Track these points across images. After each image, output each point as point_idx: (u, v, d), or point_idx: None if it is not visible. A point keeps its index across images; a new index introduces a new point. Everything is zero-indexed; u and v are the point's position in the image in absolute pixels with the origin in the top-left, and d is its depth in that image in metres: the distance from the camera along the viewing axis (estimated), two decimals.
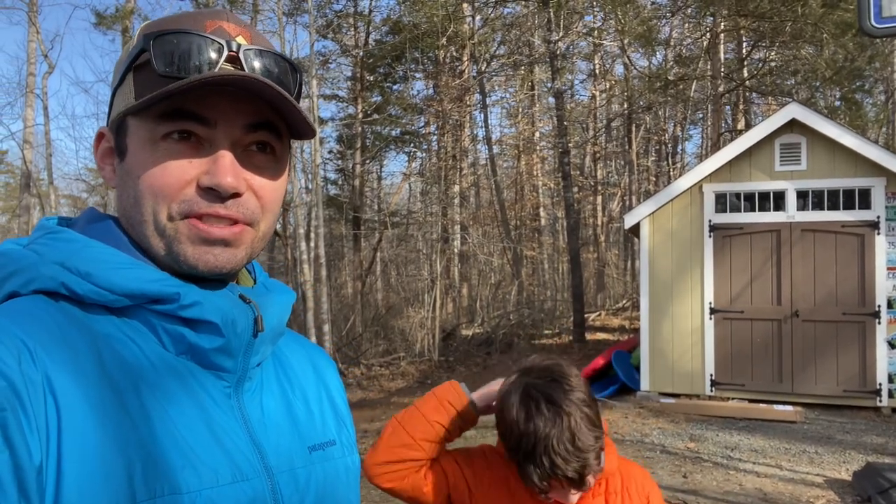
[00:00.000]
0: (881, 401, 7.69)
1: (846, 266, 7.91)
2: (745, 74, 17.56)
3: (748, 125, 17.91)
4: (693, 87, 19.21)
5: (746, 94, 19.50)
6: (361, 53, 19.40)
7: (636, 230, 8.94)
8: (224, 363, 0.71)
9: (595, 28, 19.10)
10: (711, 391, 8.32)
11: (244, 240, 0.72)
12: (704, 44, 17.79)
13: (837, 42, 15.05)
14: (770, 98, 19.81)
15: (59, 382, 0.59)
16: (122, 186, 0.72)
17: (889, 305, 7.74)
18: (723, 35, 16.60)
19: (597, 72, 22.48)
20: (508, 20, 18.94)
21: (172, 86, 0.64)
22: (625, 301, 19.59)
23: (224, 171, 0.68)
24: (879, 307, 7.76)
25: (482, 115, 19.93)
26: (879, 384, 7.71)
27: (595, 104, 22.87)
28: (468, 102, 18.52)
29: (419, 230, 19.70)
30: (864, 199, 7.91)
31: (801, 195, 8.14)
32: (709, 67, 17.34)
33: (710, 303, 8.37)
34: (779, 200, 8.20)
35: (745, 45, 17.74)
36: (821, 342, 7.97)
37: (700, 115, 23.91)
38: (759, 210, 8.29)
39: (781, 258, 8.14)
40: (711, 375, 8.33)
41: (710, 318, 8.37)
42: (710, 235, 8.40)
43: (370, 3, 20.16)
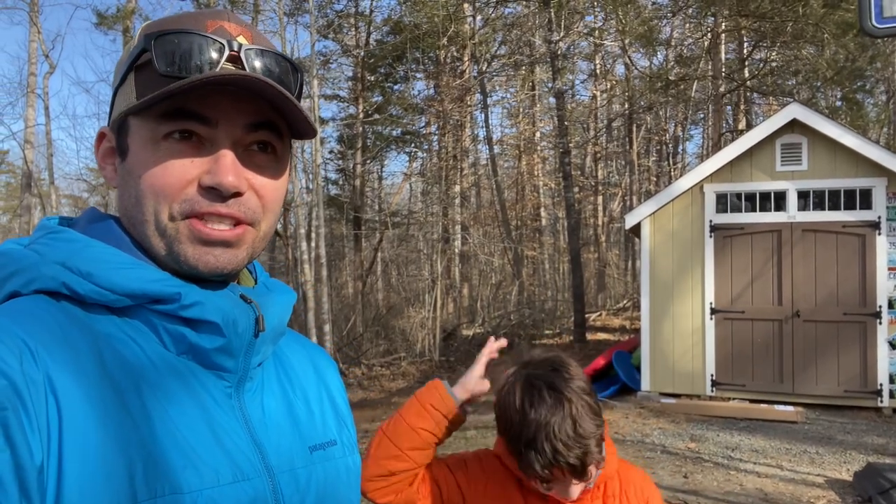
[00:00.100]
0: (882, 401, 7.69)
1: (847, 266, 7.91)
2: (746, 74, 17.55)
3: (749, 125, 17.90)
4: (694, 88, 19.21)
5: (747, 95, 19.49)
6: (362, 53, 19.40)
7: (637, 230, 8.93)
8: (225, 363, 0.71)
9: (596, 28, 19.09)
10: (712, 391, 8.32)
11: (245, 240, 0.72)
12: (705, 44, 17.78)
13: (838, 42, 15.03)
14: (771, 98, 19.81)
15: (61, 382, 0.59)
16: (124, 186, 0.72)
17: (890, 306, 7.73)
18: (724, 35, 16.59)
19: (598, 72, 22.47)
20: (509, 20, 18.93)
21: (174, 85, 0.65)
22: (625, 301, 19.59)
23: (225, 171, 0.68)
24: (880, 307, 7.75)
25: (483, 116, 19.95)
26: (880, 384, 7.70)
27: (596, 104, 22.86)
28: (469, 102, 18.51)
29: (420, 230, 19.71)
30: (865, 200, 7.90)
31: (802, 195, 8.13)
32: (710, 67, 17.33)
33: (711, 303, 8.36)
34: (780, 201, 8.20)
35: (746, 46, 17.73)
36: (822, 342, 7.97)
37: (701, 116, 23.91)
38: (760, 210, 8.28)
39: (782, 258, 8.13)
40: (712, 375, 8.33)
41: (711, 319, 8.36)
42: (711, 235, 8.39)
43: (371, 4, 20.18)
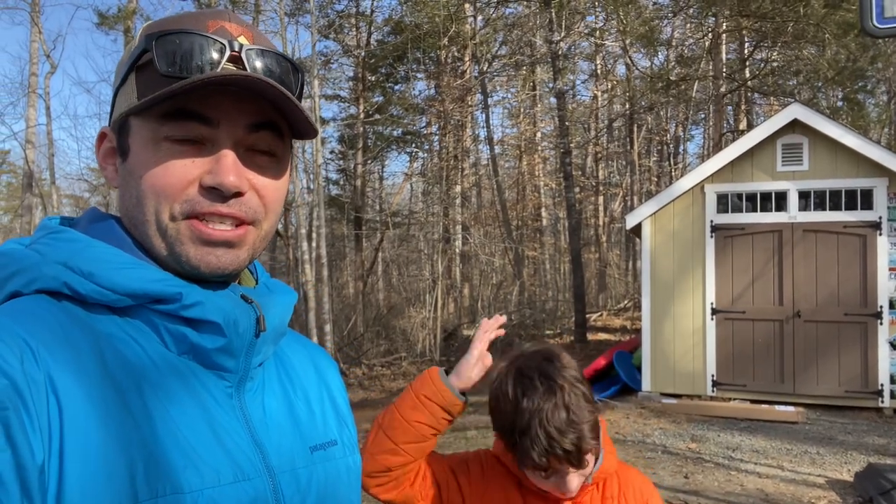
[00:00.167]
0: (883, 401, 7.68)
1: (848, 267, 7.90)
2: (747, 75, 17.54)
3: (750, 125, 17.88)
4: (695, 88, 19.19)
5: (748, 95, 19.49)
6: (363, 54, 19.40)
7: (638, 230, 8.93)
8: (226, 363, 0.71)
9: (597, 28, 19.07)
10: (713, 391, 8.32)
11: (247, 241, 0.72)
12: (706, 44, 17.78)
13: (839, 42, 15.03)
14: (772, 98, 19.81)
15: (62, 382, 0.59)
16: (125, 186, 0.72)
17: (891, 306, 7.73)
18: (725, 35, 16.59)
19: (598, 72, 22.46)
20: (510, 20, 18.93)
21: (175, 86, 0.65)
22: (626, 301, 19.59)
23: (226, 171, 0.68)
24: (881, 308, 7.75)
25: (484, 116, 19.92)
26: (881, 385, 7.70)
27: (597, 104, 22.86)
28: (470, 103, 18.50)
29: (421, 230, 19.70)
30: (866, 200, 7.89)
31: (803, 195, 8.13)
32: (711, 68, 17.33)
33: (712, 303, 8.36)
34: (780, 201, 8.19)
35: (747, 46, 17.72)
36: (822, 343, 7.96)
37: (702, 116, 23.90)
38: (761, 210, 8.28)
39: (783, 259, 8.13)
40: (713, 376, 8.32)
41: (712, 319, 8.36)
42: (712, 236, 8.39)
43: (372, 4, 20.17)
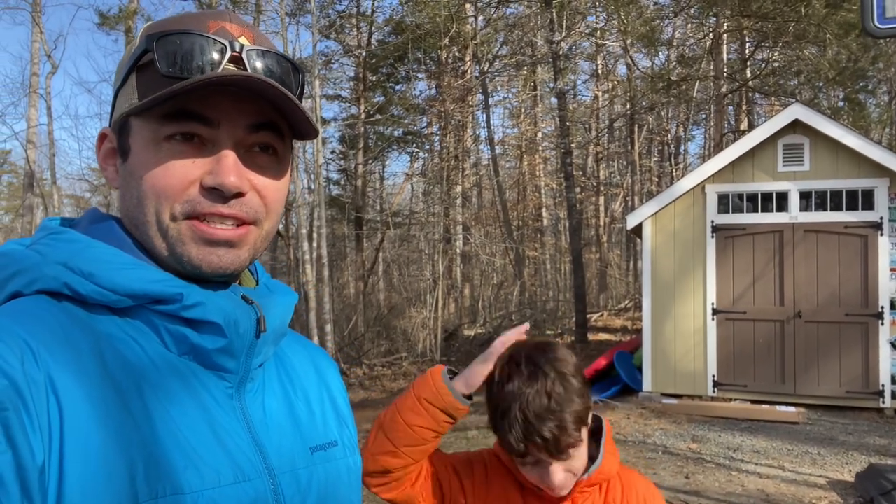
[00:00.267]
0: (884, 402, 7.67)
1: (849, 267, 7.89)
2: (748, 75, 17.53)
3: (751, 126, 17.89)
4: (696, 88, 19.19)
5: (749, 95, 19.49)
6: (364, 54, 19.40)
7: (638, 231, 8.93)
8: (226, 364, 0.71)
9: (598, 28, 19.07)
10: (714, 392, 8.31)
11: (248, 240, 0.72)
12: (707, 44, 17.78)
13: (841, 42, 15.00)
14: (773, 99, 19.78)
15: (62, 382, 0.59)
16: (125, 187, 0.72)
17: (892, 306, 7.72)
18: (726, 35, 16.59)
19: (599, 72, 22.46)
20: (511, 20, 18.93)
21: (176, 86, 0.65)
22: (627, 301, 19.59)
23: (227, 171, 0.68)
24: (882, 308, 7.74)
25: (484, 116, 19.95)
26: (882, 385, 7.69)
27: (598, 104, 22.85)
28: (470, 103, 18.51)
29: (421, 230, 19.71)
30: (868, 200, 7.89)
31: (804, 196, 8.12)
32: (712, 68, 17.34)
33: (713, 303, 8.35)
34: (781, 201, 8.19)
35: (748, 46, 17.72)
36: (823, 343, 7.95)
37: (703, 116, 23.88)
38: (762, 211, 8.27)
39: (784, 259, 8.12)
40: (714, 376, 8.32)
41: (713, 319, 8.35)
42: (713, 236, 8.39)
43: (373, 4, 20.18)
